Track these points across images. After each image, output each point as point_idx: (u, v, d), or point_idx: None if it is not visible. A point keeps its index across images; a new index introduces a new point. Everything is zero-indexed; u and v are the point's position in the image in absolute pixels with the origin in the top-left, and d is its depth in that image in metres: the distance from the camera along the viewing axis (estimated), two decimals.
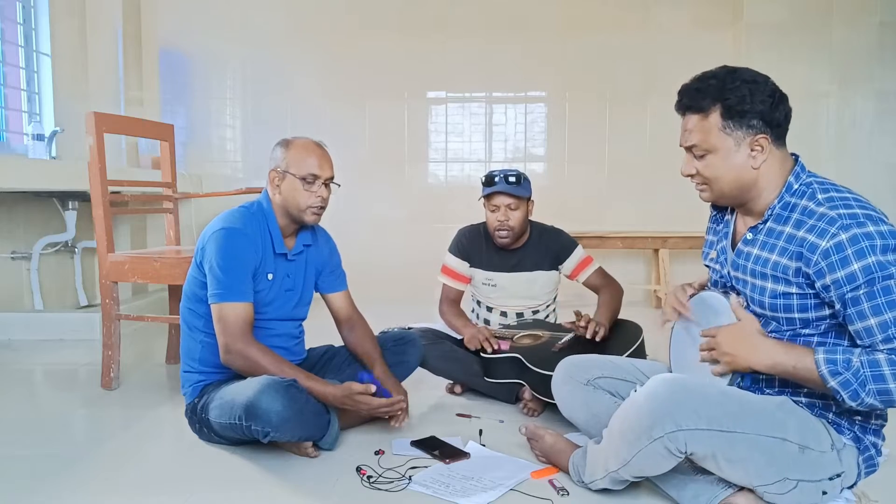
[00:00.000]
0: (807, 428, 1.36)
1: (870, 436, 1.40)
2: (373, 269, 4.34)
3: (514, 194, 2.36)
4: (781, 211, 1.38)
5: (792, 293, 1.34)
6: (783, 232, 1.36)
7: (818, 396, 1.39)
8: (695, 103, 1.40)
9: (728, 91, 1.35)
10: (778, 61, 4.33)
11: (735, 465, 1.34)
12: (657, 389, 1.36)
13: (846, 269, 1.25)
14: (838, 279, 1.26)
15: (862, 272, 1.24)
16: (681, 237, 4.22)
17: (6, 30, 3.56)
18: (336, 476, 1.68)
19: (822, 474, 1.35)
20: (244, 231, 1.88)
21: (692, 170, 1.44)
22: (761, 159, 1.37)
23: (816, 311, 1.34)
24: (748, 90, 1.35)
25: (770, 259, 1.38)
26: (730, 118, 1.36)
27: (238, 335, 1.82)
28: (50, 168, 3.08)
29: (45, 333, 3.28)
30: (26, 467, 1.74)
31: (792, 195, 1.38)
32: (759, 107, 1.35)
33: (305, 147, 1.94)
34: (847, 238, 1.25)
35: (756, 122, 1.35)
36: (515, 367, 2.19)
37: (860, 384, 1.24)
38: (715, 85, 1.37)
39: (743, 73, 1.38)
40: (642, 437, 1.35)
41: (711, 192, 1.44)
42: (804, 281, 1.32)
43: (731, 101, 1.35)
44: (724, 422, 1.31)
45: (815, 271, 1.28)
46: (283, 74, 4.59)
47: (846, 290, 1.26)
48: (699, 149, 1.40)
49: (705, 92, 1.38)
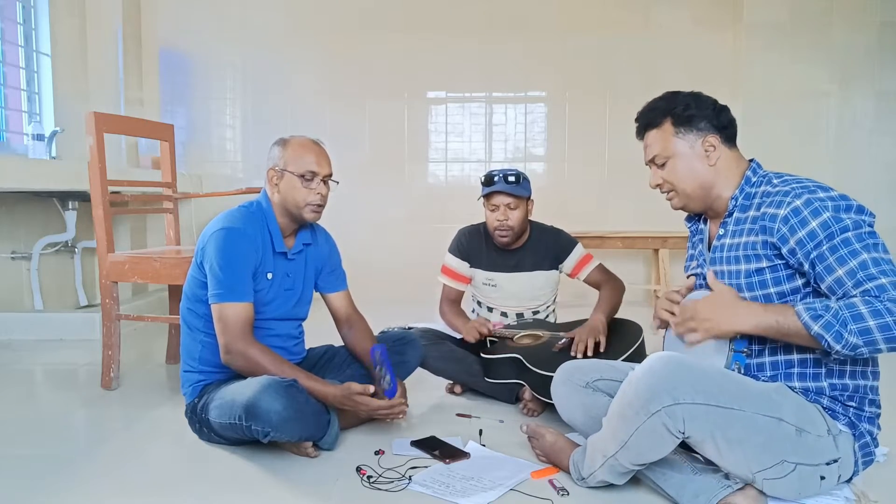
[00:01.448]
0: (803, 411, 1.38)
1: (864, 423, 1.43)
2: (373, 269, 4.35)
3: (514, 194, 2.36)
4: (744, 201, 1.51)
5: (763, 267, 1.44)
6: (748, 217, 1.49)
7: (811, 380, 1.42)
8: (649, 120, 1.60)
9: (674, 103, 1.55)
10: (778, 61, 4.35)
11: (733, 445, 1.35)
12: (654, 366, 1.38)
13: (805, 228, 1.35)
14: (801, 238, 1.36)
15: (820, 228, 1.34)
16: (681, 237, 4.22)
17: (6, 30, 3.56)
18: (336, 476, 1.68)
19: (819, 459, 1.37)
20: (244, 231, 1.88)
21: (659, 180, 1.59)
22: (715, 157, 1.53)
23: (790, 283, 1.42)
24: (692, 100, 1.55)
25: (739, 242, 1.49)
26: (680, 124, 1.54)
27: (238, 335, 1.82)
28: (50, 168, 3.08)
29: (45, 333, 3.28)
30: (26, 467, 1.74)
31: (751, 186, 1.51)
32: (704, 111, 1.53)
33: (302, 145, 1.95)
34: (801, 202, 1.37)
35: (703, 124, 1.53)
36: (515, 367, 2.19)
37: (841, 324, 1.28)
38: (663, 104, 1.58)
39: (685, 92, 1.59)
40: (640, 413, 1.36)
41: (679, 196, 1.58)
42: (772, 252, 1.42)
43: (678, 109, 1.54)
44: (721, 398, 1.34)
45: (779, 237, 1.39)
46: (283, 74, 4.59)
47: (810, 248, 1.35)
48: (660, 157, 1.57)
49: (655, 110, 1.59)
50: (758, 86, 4.37)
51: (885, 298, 1.26)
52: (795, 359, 1.44)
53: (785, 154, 4.02)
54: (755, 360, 1.47)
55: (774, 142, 4.24)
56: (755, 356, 1.47)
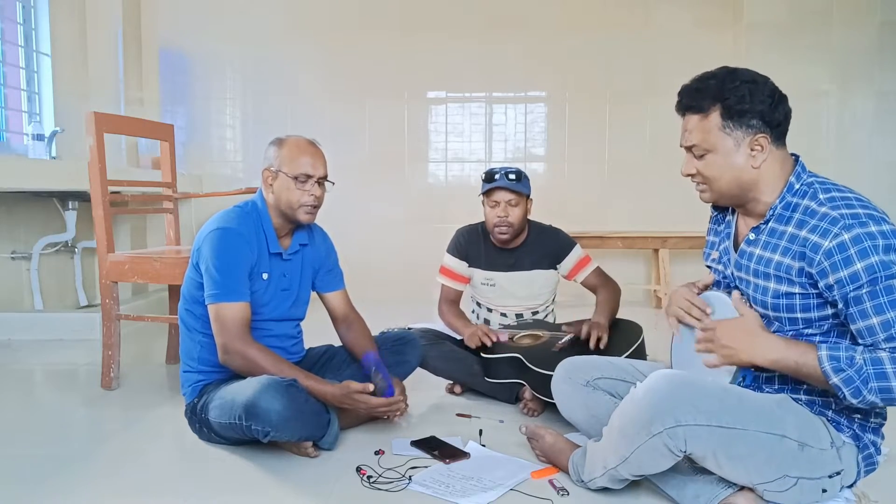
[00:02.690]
0: (806, 425, 1.36)
1: (869, 434, 1.40)
2: (372, 269, 4.35)
3: (515, 190, 2.37)
4: (783, 211, 1.38)
5: (795, 293, 1.35)
6: (785, 232, 1.36)
7: (817, 394, 1.39)
8: (695, 103, 1.40)
9: (728, 91, 1.36)
10: (778, 61, 4.34)
11: (735, 462, 1.33)
12: (657, 384, 1.36)
13: (849, 268, 1.25)
14: (841, 278, 1.26)
15: (865, 271, 1.24)
16: (681, 237, 4.22)
17: (6, 30, 3.56)
18: (336, 476, 1.68)
19: (821, 472, 1.35)
20: (239, 231, 1.88)
21: (692, 170, 1.44)
22: (761, 159, 1.38)
23: (819, 311, 1.34)
24: (748, 90, 1.35)
25: (773, 259, 1.38)
26: (729, 118, 1.37)
27: (236, 335, 1.82)
28: (50, 168, 3.08)
29: (45, 333, 3.28)
30: (26, 467, 1.74)
31: (793, 195, 1.38)
32: (759, 106, 1.35)
33: (298, 146, 1.94)
34: (850, 238, 1.25)
35: (756, 121, 1.36)
36: (515, 366, 2.19)
37: (862, 381, 1.24)
38: (715, 85, 1.38)
39: (742, 74, 1.39)
40: (641, 433, 1.35)
41: (711, 192, 1.45)
42: (807, 281, 1.32)
43: (731, 100, 1.36)
44: (723, 418, 1.31)
45: (819, 271, 1.29)
46: (283, 74, 4.58)
47: (849, 290, 1.26)
48: (699, 148, 1.41)
49: (705, 92, 1.39)
50: None
51: None
52: None
53: None
54: (764, 373, 1.43)
55: None
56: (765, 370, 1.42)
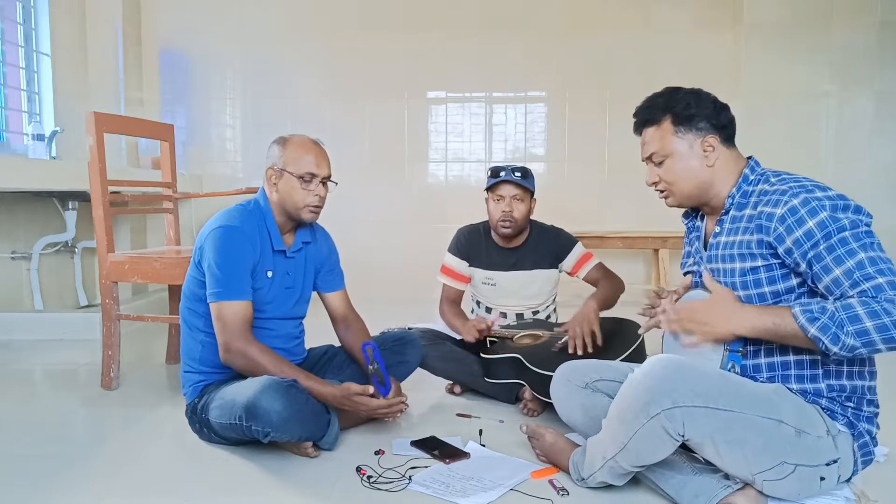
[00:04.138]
0: (802, 412, 1.38)
1: (863, 423, 1.42)
2: (373, 269, 4.35)
3: (521, 185, 2.37)
4: (741, 199, 1.50)
5: (758, 266, 1.43)
6: (744, 216, 1.48)
7: (808, 381, 1.42)
8: (648, 116, 1.57)
9: (674, 101, 1.53)
10: (778, 61, 4.35)
11: (733, 447, 1.35)
12: (654, 368, 1.38)
13: (802, 227, 1.34)
14: (797, 238, 1.35)
15: (818, 227, 1.33)
16: (681, 237, 4.17)
17: (6, 30, 3.56)
18: (336, 476, 1.68)
19: (818, 459, 1.37)
20: (242, 229, 1.87)
21: (655, 177, 1.58)
22: (714, 158, 1.52)
23: (784, 282, 1.41)
24: (692, 98, 1.53)
25: (735, 240, 1.48)
26: (680, 123, 1.53)
27: (237, 333, 1.82)
28: (50, 168, 3.08)
29: (45, 333, 3.28)
30: (26, 467, 1.74)
31: (749, 184, 1.50)
32: (704, 111, 1.52)
33: (302, 145, 1.94)
34: (799, 202, 1.36)
35: (703, 124, 1.52)
36: (515, 367, 2.19)
37: (838, 326, 1.27)
38: (662, 100, 1.56)
39: (685, 89, 1.56)
40: (640, 415, 1.36)
41: (674, 195, 1.58)
42: (767, 252, 1.41)
43: (678, 108, 1.52)
44: (720, 400, 1.34)
45: (776, 237, 1.38)
46: (283, 74, 4.59)
47: (807, 248, 1.34)
48: (658, 155, 1.56)
49: (655, 107, 1.56)
50: (758, 86, 4.37)
51: (883, 298, 1.25)
52: (792, 360, 1.44)
53: (785, 154, 4.03)
54: (751, 361, 1.47)
55: (774, 142, 4.24)
56: (751, 357, 1.47)
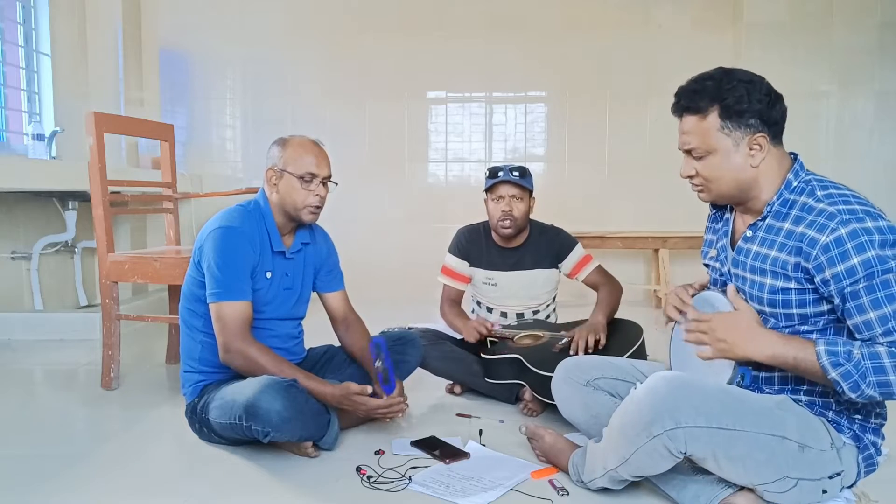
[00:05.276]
0: (806, 426, 1.36)
1: (869, 435, 1.40)
2: (373, 269, 4.35)
3: (519, 184, 2.37)
4: (780, 208, 1.39)
5: (791, 288, 1.35)
6: (782, 228, 1.37)
7: (818, 395, 1.39)
8: (693, 104, 1.40)
9: (725, 91, 1.36)
10: (778, 61, 4.34)
11: (735, 462, 1.33)
12: (657, 386, 1.36)
13: (846, 263, 1.25)
14: (838, 273, 1.26)
15: (861, 266, 1.24)
16: (681, 237, 4.22)
17: (6, 30, 3.56)
18: (336, 476, 1.68)
19: (821, 473, 1.35)
20: (241, 229, 1.87)
21: (691, 171, 1.44)
22: (760, 158, 1.38)
23: (815, 307, 1.34)
24: (745, 90, 1.35)
25: (769, 255, 1.38)
26: (728, 118, 1.36)
27: (237, 334, 1.82)
28: (50, 168, 3.07)
29: (45, 333, 3.28)
30: (26, 467, 1.74)
31: (791, 192, 1.38)
32: (757, 106, 1.35)
33: (303, 145, 1.94)
34: (846, 233, 1.26)
35: (754, 120, 1.36)
36: (515, 367, 2.19)
37: (861, 376, 1.24)
38: (712, 85, 1.37)
39: (739, 74, 1.39)
40: (642, 434, 1.35)
41: (710, 192, 1.45)
42: (803, 276, 1.33)
43: (729, 100, 1.35)
44: (723, 419, 1.31)
45: (815, 266, 1.29)
46: (283, 74, 4.59)
47: (846, 285, 1.26)
48: (699, 150, 1.40)
49: (703, 93, 1.38)
50: None
51: None
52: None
53: None
54: (763, 373, 1.43)
55: None
56: (764, 369, 1.43)
